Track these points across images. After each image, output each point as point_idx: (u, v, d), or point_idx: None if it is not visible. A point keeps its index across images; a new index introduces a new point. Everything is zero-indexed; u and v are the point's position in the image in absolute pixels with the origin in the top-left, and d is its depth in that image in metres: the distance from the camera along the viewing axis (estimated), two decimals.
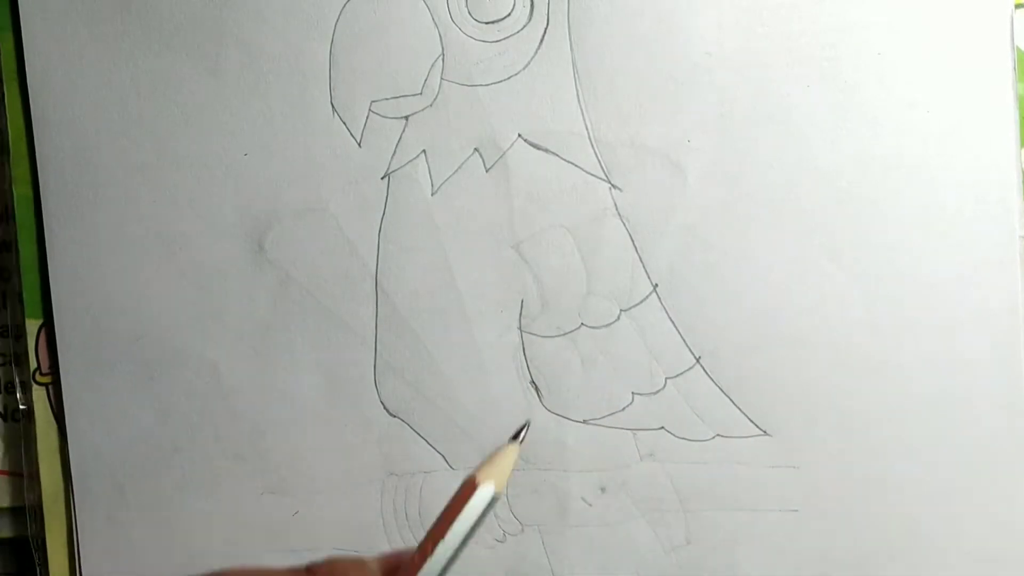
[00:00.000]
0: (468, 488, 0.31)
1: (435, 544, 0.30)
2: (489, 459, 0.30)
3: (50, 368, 0.39)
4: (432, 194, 0.38)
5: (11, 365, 0.39)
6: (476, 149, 0.38)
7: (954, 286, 0.38)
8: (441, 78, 0.38)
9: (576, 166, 0.38)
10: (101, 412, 0.38)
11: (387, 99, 0.38)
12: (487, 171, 0.38)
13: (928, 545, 0.39)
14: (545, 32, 0.38)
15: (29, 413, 0.39)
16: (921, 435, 0.39)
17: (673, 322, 0.39)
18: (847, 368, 0.39)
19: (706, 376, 0.39)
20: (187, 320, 0.38)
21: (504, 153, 0.38)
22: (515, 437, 0.30)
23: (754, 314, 0.38)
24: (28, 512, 0.39)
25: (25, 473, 0.39)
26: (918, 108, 0.38)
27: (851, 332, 0.38)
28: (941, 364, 0.39)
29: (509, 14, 0.38)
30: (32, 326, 0.38)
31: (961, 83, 0.38)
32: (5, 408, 0.39)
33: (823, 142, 0.38)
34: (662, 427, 0.39)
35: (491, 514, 0.38)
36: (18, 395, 0.39)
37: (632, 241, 0.38)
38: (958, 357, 0.38)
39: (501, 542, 0.39)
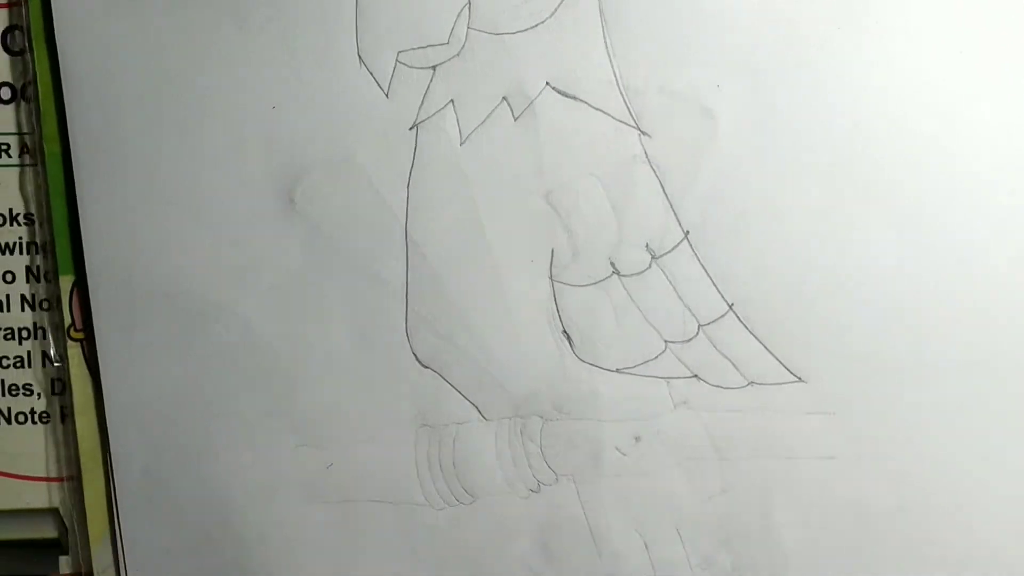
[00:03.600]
0: None
1: None
2: None
3: (83, 325, 0.39)
4: (460, 144, 0.38)
5: (45, 327, 0.39)
6: (504, 98, 0.38)
7: (988, 229, 0.38)
8: (468, 27, 0.38)
9: (605, 113, 0.38)
10: (135, 368, 0.39)
11: (414, 49, 0.38)
12: (515, 120, 0.38)
13: (967, 491, 0.39)
14: None
15: (64, 370, 0.39)
16: (957, 379, 0.38)
17: (705, 269, 0.38)
18: (881, 312, 0.38)
19: (739, 323, 0.38)
20: (218, 275, 0.38)
21: (532, 102, 0.38)
22: None
23: (786, 260, 0.38)
24: (65, 476, 0.39)
25: (62, 432, 0.39)
26: (950, 49, 0.37)
27: (884, 276, 0.38)
28: (976, 307, 0.38)
29: None
30: (65, 283, 0.39)
31: (996, 23, 0.37)
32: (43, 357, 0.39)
33: (853, 85, 0.38)
34: (695, 375, 0.39)
35: (526, 464, 0.39)
36: (53, 352, 0.39)
37: (663, 188, 0.38)
38: (994, 300, 0.38)
39: (536, 492, 0.39)
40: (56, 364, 0.39)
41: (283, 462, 0.39)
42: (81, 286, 0.38)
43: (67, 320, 0.39)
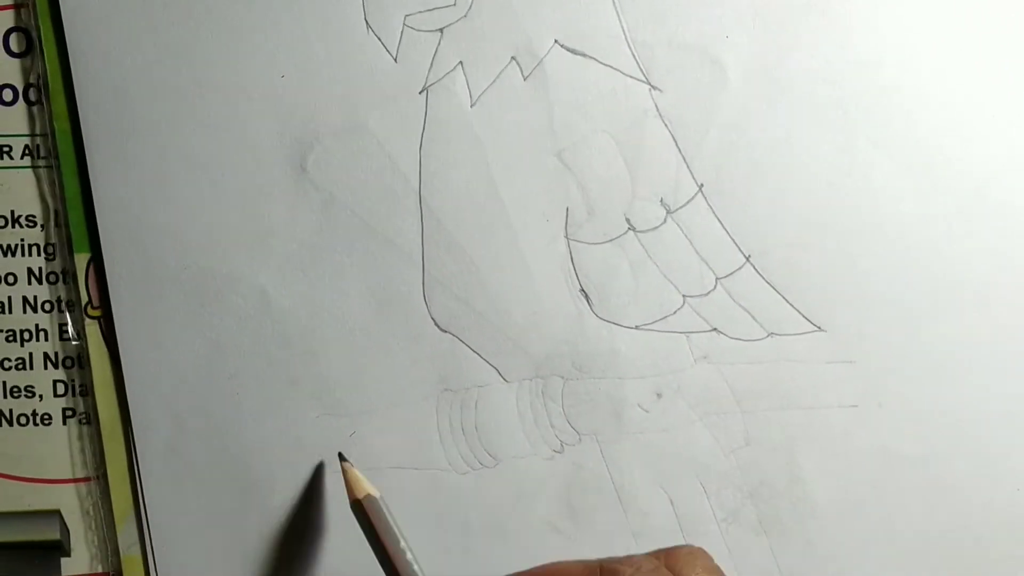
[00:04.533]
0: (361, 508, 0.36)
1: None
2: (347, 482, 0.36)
3: (100, 301, 0.39)
4: (471, 106, 0.38)
5: (61, 304, 0.39)
6: (513, 58, 0.38)
7: (1007, 172, 0.38)
8: None
9: (615, 69, 0.38)
10: (154, 342, 0.39)
11: (421, 12, 0.38)
12: (525, 79, 0.38)
13: (990, 435, 0.39)
14: None
15: (83, 348, 0.39)
16: (978, 323, 0.38)
17: (721, 222, 0.38)
18: (899, 259, 0.38)
19: (757, 275, 0.38)
20: (234, 246, 0.38)
21: (541, 60, 0.38)
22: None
23: (802, 209, 0.38)
24: (88, 447, 0.39)
25: (83, 409, 0.39)
26: None
27: (902, 223, 0.38)
28: (995, 251, 0.38)
29: None
30: (80, 260, 0.39)
31: None
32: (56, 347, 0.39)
33: (863, 31, 0.37)
34: (715, 329, 0.39)
35: (548, 425, 0.39)
36: (71, 330, 0.39)
37: (675, 142, 0.38)
38: (1013, 244, 0.38)
39: (559, 452, 0.39)
40: (68, 367, 0.39)
41: (306, 432, 0.39)
42: (97, 263, 0.38)
43: (84, 298, 0.39)
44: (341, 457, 0.37)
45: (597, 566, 0.29)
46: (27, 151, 0.38)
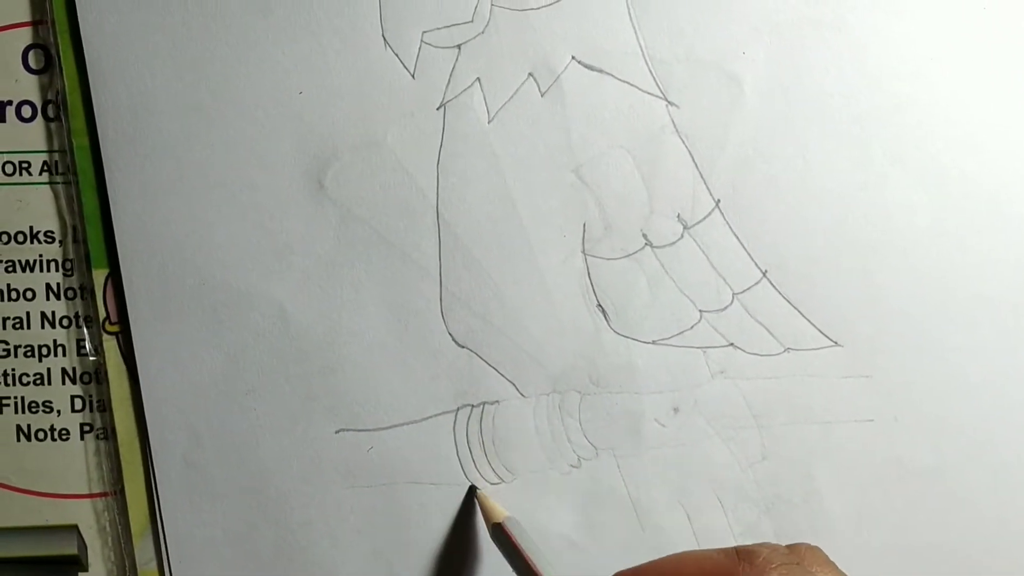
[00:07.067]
0: (503, 531, 0.36)
1: None
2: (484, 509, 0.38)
3: (118, 317, 0.39)
4: (488, 122, 0.38)
5: (79, 319, 0.39)
6: (530, 74, 0.38)
7: (1021, 185, 0.38)
8: (491, 4, 0.38)
9: (632, 85, 0.38)
10: (172, 358, 0.39)
11: (438, 29, 0.38)
12: (542, 96, 0.38)
13: (1007, 449, 0.39)
14: None
15: (101, 363, 0.39)
16: (993, 338, 0.38)
17: (737, 237, 0.38)
18: (915, 273, 0.38)
19: (773, 290, 0.39)
20: (252, 262, 0.38)
21: (558, 76, 0.38)
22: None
23: (819, 224, 0.38)
24: (105, 462, 0.39)
25: (100, 424, 0.39)
26: (974, 5, 0.37)
27: (918, 237, 0.38)
28: (1011, 266, 0.38)
29: None
30: (99, 276, 0.39)
31: None
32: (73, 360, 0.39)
33: (878, 45, 0.38)
34: (732, 344, 0.39)
35: (565, 440, 0.39)
36: (89, 346, 0.39)
37: (692, 158, 0.38)
38: None
39: (576, 467, 0.39)
40: (86, 383, 0.39)
41: (323, 447, 0.39)
42: (115, 279, 0.38)
43: (102, 314, 0.39)
44: (473, 489, 0.38)
45: (733, 550, 0.30)
46: (45, 167, 0.39)
